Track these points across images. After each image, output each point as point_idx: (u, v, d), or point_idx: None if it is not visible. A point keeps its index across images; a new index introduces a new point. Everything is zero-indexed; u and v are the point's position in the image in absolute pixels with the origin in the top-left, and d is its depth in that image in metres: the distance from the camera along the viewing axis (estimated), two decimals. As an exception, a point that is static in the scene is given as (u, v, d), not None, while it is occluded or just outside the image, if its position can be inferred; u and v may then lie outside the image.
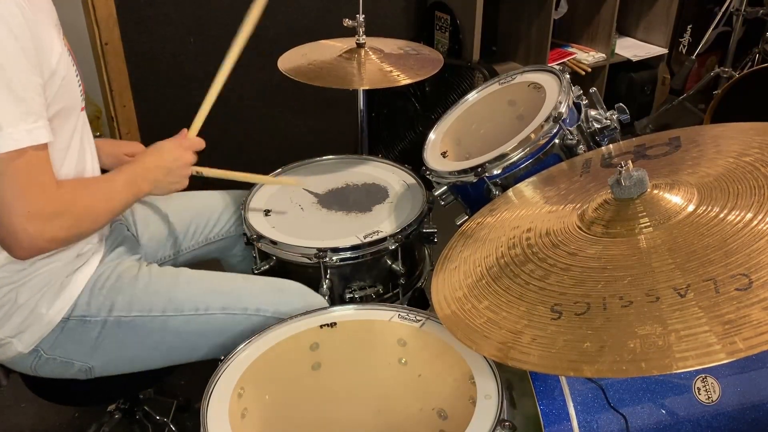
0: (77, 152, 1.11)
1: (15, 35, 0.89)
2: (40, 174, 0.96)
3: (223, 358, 1.01)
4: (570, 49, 2.97)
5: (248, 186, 1.50)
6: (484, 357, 0.95)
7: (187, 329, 1.17)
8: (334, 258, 1.28)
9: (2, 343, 1.11)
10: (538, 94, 1.38)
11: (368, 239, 1.31)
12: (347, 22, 1.68)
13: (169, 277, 1.21)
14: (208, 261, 1.52)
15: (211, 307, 1.17)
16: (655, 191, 0.93)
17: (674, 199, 0.91)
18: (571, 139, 1.26)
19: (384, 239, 1.31)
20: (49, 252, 1.06)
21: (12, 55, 0.89)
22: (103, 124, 2.27)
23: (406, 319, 1.07)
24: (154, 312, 1.16)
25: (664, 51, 3.10)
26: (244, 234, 1.37)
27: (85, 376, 1.18)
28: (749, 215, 0.82)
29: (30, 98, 0.92)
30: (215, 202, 1.48)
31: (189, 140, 1.26)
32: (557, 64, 2.61)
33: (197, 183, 1.29)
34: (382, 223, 1.37)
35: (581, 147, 1.29)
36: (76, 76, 1.08)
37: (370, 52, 1.66)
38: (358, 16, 1.65)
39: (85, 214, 1.04)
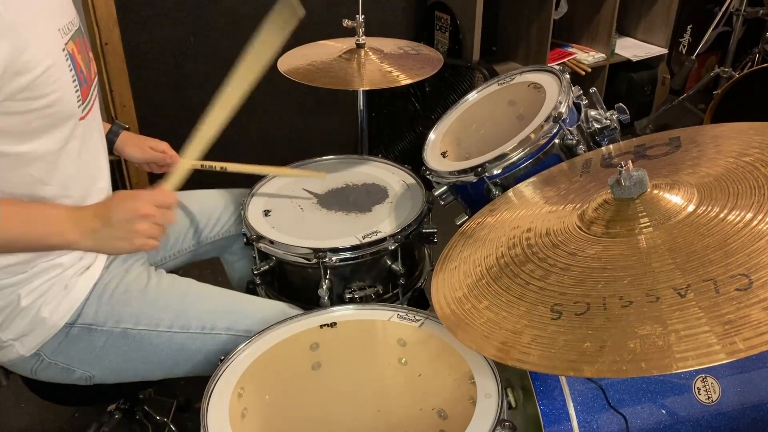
0: (73, 162, 1.07)
1: None
2: None
3: (223, 358, 1.01)
4: (570, 49, 2.97)
5: (247, 184, 1.50)
6: (484, 357, 0.95)
7: (191, 346, 1.18)
8: (334, 258, 1.28)
9: (4, 346, 1.10)
10: (538, 94, 1.38)
11: (368, 239, 1.31)
12: (347, 23, 1.68)
13: (178, 291, 1.22)
14: (207, 260, 1.53)
15: (216, 327, 1.18)
16: (655, 191, 0.93)
17: (674, 199, 0.91)
18: (571, 139, 1.26)
19: (383, 239, 1.31)
20: None
21: None
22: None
23: (405, 319, 1.07)
24: (161, 327, 1.16)
25: (664, 51, 3.10)
26: (244, 234, 1.37)
27: (85, 383, 1.19)
28: (749, 215, 0.82)
29: None
30: (214, 201, 1.48)
31: (152, 192, 1.03)
32: (557, 64, 2.61)
33: (196, 183, 1.28)
34: (382, 223, 1.37)
35: (581, 147, 1.29)
36: (74, 82, 1.02)
37: (370, 53, 1.66)
38: (357, 16, 1.65)
39: None
